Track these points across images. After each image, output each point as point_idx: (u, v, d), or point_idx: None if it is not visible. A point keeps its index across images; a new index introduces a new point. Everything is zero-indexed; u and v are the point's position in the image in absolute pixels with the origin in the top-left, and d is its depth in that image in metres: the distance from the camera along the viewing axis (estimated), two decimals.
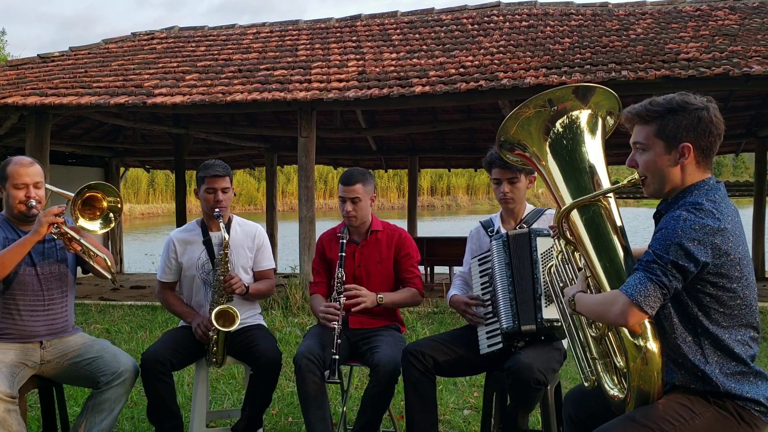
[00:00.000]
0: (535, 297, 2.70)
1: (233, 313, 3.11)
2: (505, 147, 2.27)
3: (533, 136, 2.17)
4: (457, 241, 8.83)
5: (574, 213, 2.05)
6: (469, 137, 12.74)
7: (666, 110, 1.92)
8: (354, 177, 3.24)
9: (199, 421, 3.24)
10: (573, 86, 2.14)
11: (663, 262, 1.81)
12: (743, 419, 1.89)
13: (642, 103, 1.98)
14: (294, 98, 7.81)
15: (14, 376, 2.71)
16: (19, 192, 2.84)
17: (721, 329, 1.89)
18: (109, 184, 2.94)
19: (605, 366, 2.06)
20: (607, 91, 2.13)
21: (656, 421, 1.88)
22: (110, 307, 8.10)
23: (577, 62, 7.83)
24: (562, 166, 2.12)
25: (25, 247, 2.74)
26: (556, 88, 2.16)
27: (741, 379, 1.90)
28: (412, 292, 3.30)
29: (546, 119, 2.14)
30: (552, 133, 2.13)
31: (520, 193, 2.94)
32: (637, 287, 1.83)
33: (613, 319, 1.89)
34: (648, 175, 1.98)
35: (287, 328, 6.37)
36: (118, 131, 12.96)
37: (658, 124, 1.93)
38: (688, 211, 1.84)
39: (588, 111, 2.12)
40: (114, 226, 2.94)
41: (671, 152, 1.93)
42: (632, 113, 1.99)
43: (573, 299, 2.04)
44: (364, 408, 2.97)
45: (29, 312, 2.87)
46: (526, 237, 2.78)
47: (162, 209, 41.05)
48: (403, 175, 24.69)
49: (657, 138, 1.93)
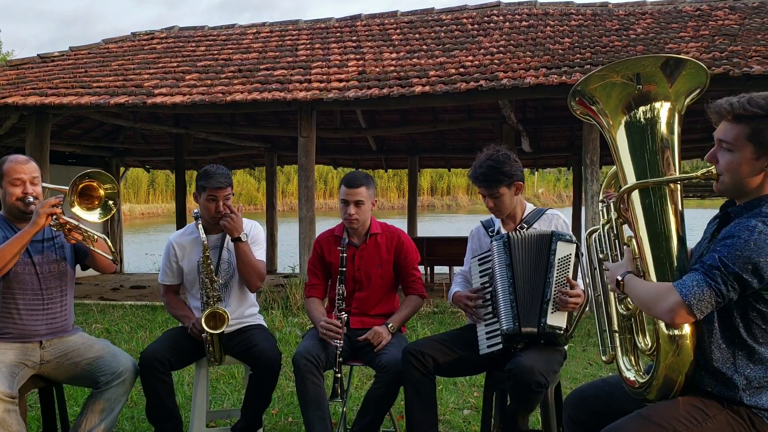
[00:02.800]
0: (543, 301, 2.69)
1: (222, 313, 3.11)
2: (574, 96, 2.15)
3: (611, 102, 2.07)
4: (457, 241, 8.84)
5: (635, 193, 1.98)
6: (469, 137, 12.74)
7: (765, 113, 1.78)
8: (358, 180, 3.23)
9: (198, 421, 3.24)
10: (663, 58, 2.01)
11: (727, 271, 1.75)
12: (755, 425, 1.88)
13: (739, 98, 1.83)
14: (294, 98, 7.81)
15: (14, 376, 2.71)
16: (16, 189, 2.83)
17: (758, 344, 1.86)
18: (102, 171, 2.91)
19: (625, 344, 2.05)
20: (696, 65, 1.98)
21: (669, 420, 1.87)
22: (110, 306, 8.11)
23: (577, 62, 7.83)
24: (632, 143, 2.03)
25: (23, 239, 2.72)
26: (645, 57, 2.05)
27: (759, 392, 1.88)
28: (415, 302, 3.31)
29: (630, 95, 2.03)
30: (633, 112, 2.03)
31: (505, 204, 2.93)
32: (693, 289, 1.77)
33: (659, 313, 1.84)
34: (728, 175, 1.87)
35: (287, 328, 6.38)
36: (118, 131, 12.96)
37: (752, 126, 1.79)
38: (765, 223, 1.76)
39: (670, 101, 2.02)
40: (115, 212, 2.93)
41: (760, 158, 1.81)
42: (726, 108, 1.85)
43: (623, 279, 1.98)
44: (367, 408, 2.96)
45: (28, 311, 2.87)
46: (547, 239, 2.76)
47: (162, 209, 41.06)
48: (403, 175, 24.69)
49: (748, 141, 1.80)
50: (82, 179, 2.82)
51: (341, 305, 3.12)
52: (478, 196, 3.06)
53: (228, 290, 3.33)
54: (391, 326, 3.17)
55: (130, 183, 40.06)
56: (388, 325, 3.17)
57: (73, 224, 2.81)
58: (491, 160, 2.87)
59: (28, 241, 2.75)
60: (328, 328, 3.07)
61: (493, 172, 2.86)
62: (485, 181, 2.89)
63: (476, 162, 2.93)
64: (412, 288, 3.33)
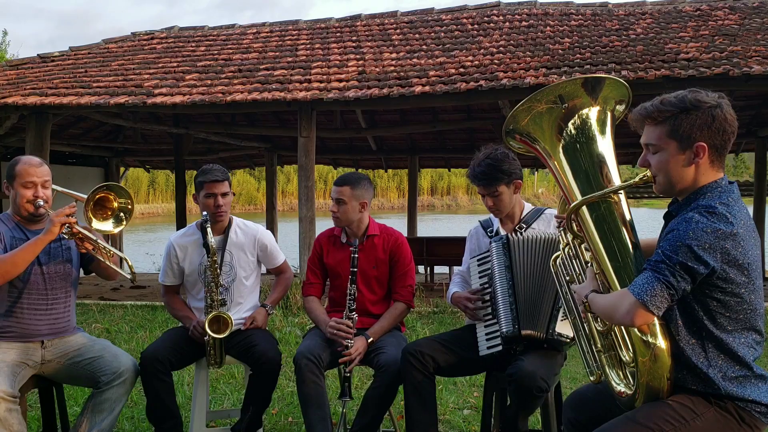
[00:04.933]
0: (553, 307, 2.68)
1: (226, 318, 3.12)
2: (511, 135, 2.25)
3: (545, 132, 2.15)
4: (457, 240, 8.83)
5: (584, 209, 2.04)
6: (469, 137, 12.74)
7: (679, 109, 1.87)
8: (344, 179, 3.26)
9: (199, 421, 3.24)
10: (582, 79, 2.11)
11: (671, 263, 1.79)
12: (743, 420, 1.88)
13: (652, 102, 1.93)
14: (294, 98, 7.82)
15: (15, 375, 2.71)
16: (28, 191, 2.85)
17: (726, 333, 1.88)
18: (122, 186, 2.98)
19: (611, 360, 2.06)
20: (615, 81, 2.10)
21: (656, 421, 1.88)
22: (110, 306, 8.11)
23: (577, 62, 7.83)
24: (572, 163, 2.11)
25: (37, 246, 2.75)
26: (565, 81, 2.13)
27: (743, 382, 1.89)
28: (399, 310, 3.26)
29: (558, 117, 2.12)
30: (565, 133, 2.11)
31: (504, 203, 2.93)
32: (644, 287, 1.81)
33: (620, 319, 1.87)
34: (660, 174, 1.95)
35: (287, 328, 6.38)
36: (118, 131, 12.97)
37: (670, 124, 1.89)
38: (701, 214, 1.82)
39: (598, 107, 2.10)
40: (125, 225, 2.97)
41: (685, 152, 1.89)
42: (643, 114, 1.94)
43: (586, 300, 2.03)
44: (366, 408, 2.96)
45: (32, 311, 2.87)
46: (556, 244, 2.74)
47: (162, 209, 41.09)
48: (403, 174, 24.71)
49: (670, 138, 1.89)
50: (100, 190, 2.86)
51: (352, 305, 3.10)
52: (478, 196, 3.06)
53: (230, 293, 3.34)
54: (371, 340, 3.14)
55: (130, 183, 40.08)
56: (367, 339, 3.12)
57: (85, 234, 2.83)
58: (490, 159, 2.87)
59: (41, 248, 2.77)
60: (339, 329, 3.07)
61: (492, 171, 2.86)
62: (484, 179, 2.89)
63: (475, 161, 2.93)
64: (400, 294, 3.28)
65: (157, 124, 11.29)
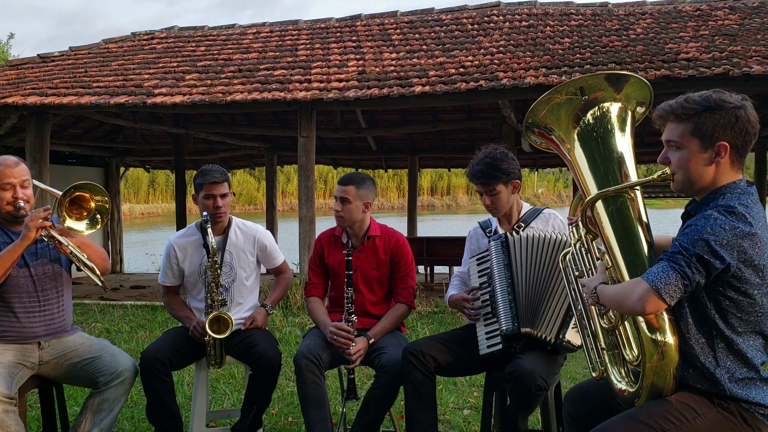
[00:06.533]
0: (566, 314, 2.66)
1: (227, 318, 3.11)
2: (530, 129, 2.24)
3: (562, 122, 2.14)
4: (457, 240, 8.83)
5: (599, 203, 2.03)
6: (469, 137, 12.73)
7: (703, 108, 1.88)
8: (349, 178, 3.26)
9: (199, 421, 3.24)
10: (606, 74, 2.11)
11: (688, 254, 1.79)
12: (746, 422, 1.88)
13: (677, 100, 1.94)
14: (294, 98, 7.82)
15: (12, 376, 2.71)
16: (6, 193, 2.81)
17: (736, 334, 1.88)
18: (96, 183, 2.89)
19: (613, 358, 2.06)
20: (639, 80, 2.09)
21: (658, 419, 1.87)
22: (110, 306, 8.11)
23: (577, 62, 7.83)
24: (589, 155, 2.10)
25: (15, 252, 2.72)
26: (588, 75, 2.13)
27: (748, 384, 1.89)
28: (400, 311, 3.26)
29: (577, 108, 2.11)
30: (582, 122, 2.10)
31: (502, 202, 2.93)
32: (658, 275, 1.81)
33: (630, 305, 1.86)
34: (680, 172, 1.95)
35: (287, 328, 6.37)
36: (118, 131, 12.97)
37: (694, 122, 1.89)
38: (720, 212, 1.82)
39: (619, 104, 2.10)
40: (101, 227, 2.91)
41: (707, 151, 1.89)
42: (667, 110, 1.95)
43: (595, 291, 2.02)
44: (367, 408, 2.96)
45: (25, 313, 2.86)
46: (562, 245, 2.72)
47: (162, 209, 41.07)
48: (403, 175, 24.69)
49: (692, 136, 1.90)
50: (75, 189, 2.80)
51: (351, 308, 3.10)
52: (478, 196, 3.06)
53: (230, 293, 3.34)
54: (372, 341, 3.14)
55: (130, 183, 40.06)
56: (369, 340, 3.12)
57: (58, 240, 2.80)
58: (489, 158, 2.88)
59: (20, 254, 2.75)
60: (339, 334, 3.06)
61: (491, 169, 2.87)
62: (482, 177, 2.89)
63: (474, 159, 2.94)
64: (401, 295, 3.28)
65: (157, 124, 11.29)
